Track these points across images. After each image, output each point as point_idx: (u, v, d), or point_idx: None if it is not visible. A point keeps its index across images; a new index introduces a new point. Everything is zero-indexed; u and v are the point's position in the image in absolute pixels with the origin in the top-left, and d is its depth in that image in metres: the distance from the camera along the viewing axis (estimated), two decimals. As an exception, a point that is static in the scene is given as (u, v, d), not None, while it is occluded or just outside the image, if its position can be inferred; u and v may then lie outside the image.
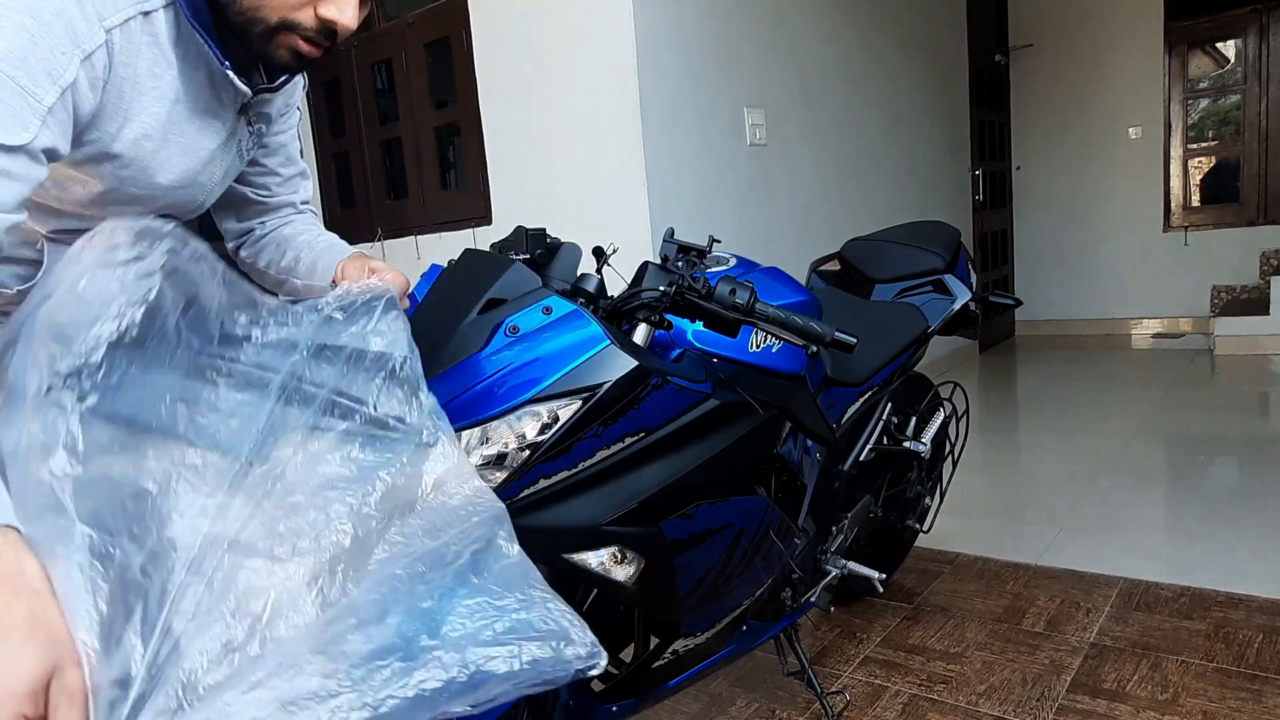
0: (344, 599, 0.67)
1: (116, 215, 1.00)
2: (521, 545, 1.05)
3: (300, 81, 1.21)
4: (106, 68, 0.87)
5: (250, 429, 0.72)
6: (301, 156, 1.30)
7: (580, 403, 1.01)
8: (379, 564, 0.69)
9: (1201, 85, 5.91)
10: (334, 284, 1.21)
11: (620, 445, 1.06)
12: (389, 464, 0.75)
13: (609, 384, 1.02)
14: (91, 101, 0.87)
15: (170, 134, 0.98)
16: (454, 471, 0.78)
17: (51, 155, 0.85)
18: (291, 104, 1.21)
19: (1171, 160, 5.94)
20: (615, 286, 1.21)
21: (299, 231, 1.28)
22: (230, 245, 1.30)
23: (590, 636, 0.69)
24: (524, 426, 1.00)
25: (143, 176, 0.98)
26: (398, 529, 0.72)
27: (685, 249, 1.21)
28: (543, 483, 1.02)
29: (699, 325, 1.18)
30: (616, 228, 3.14)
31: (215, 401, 0.73)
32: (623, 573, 1.10)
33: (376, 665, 0.62)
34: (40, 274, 1.02)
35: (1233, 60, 5.79)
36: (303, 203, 1.30)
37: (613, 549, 1.08)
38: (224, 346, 0.77)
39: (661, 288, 1.12)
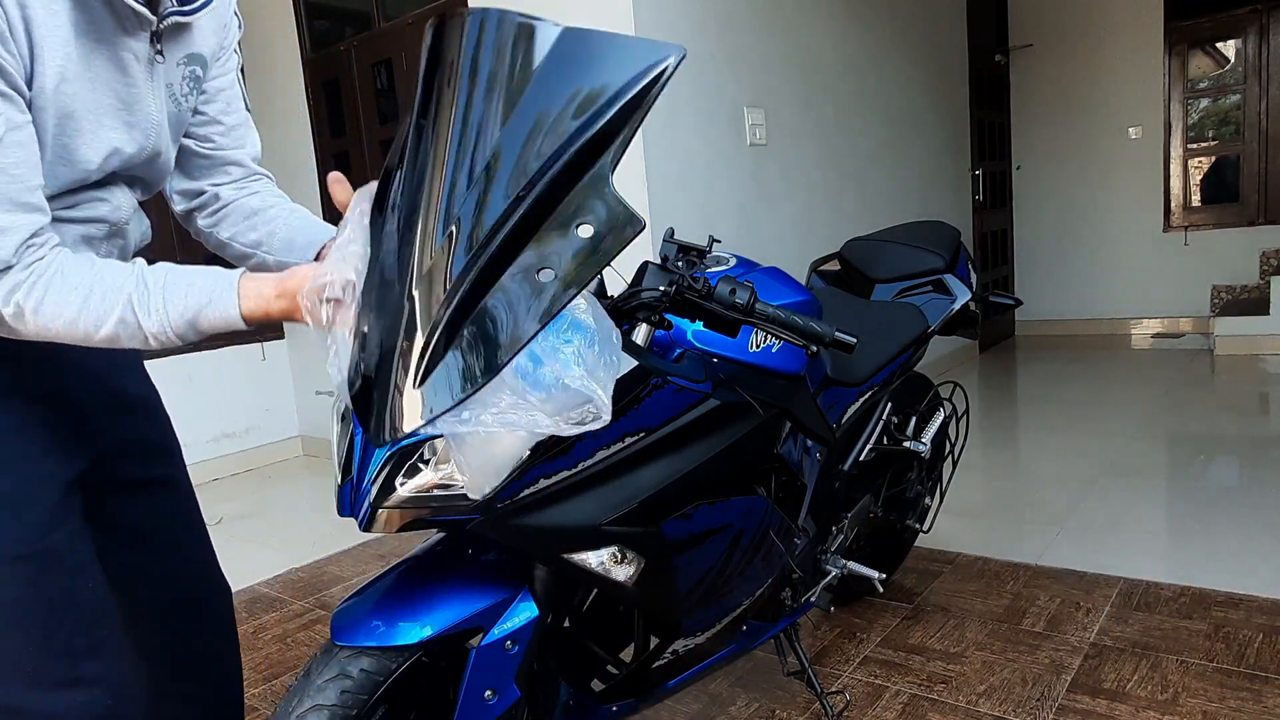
0: None
1: (72, 178, 0.96)
2: (522, 545, 1.06)
3: (233, 22, 1.15)
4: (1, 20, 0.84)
5: None
6: (248, 110, 1.23)
7: (580, 403, 1.01)
8: None
9: (1201, 85, 5.91)
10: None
11: (620, 445, 1.06)
12: None
13: (609, 384, 1.02)
14: (8, 60, 0.85)
15: (84, 73, 0.93)
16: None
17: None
18: (227, 46, 1.16)
19: (1171, 160, 5.94)
20: (615, 286, 1.21)
21: (267, 205, 1.21)
22: (180, 209, 1.22)
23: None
24: (524, 426, 1.00)
25: (73, 126, 0.94)
26: None
27: (685, 249, 1.21)
28: (543, 483, 1.02)
29: (699, 325, 1.19)
30: (616, 228, 3.13)
31: None
32: (623, 573, 1.10)
33: None
34: None
35: (1233, 60, 5.79)
36: (254, 159, 1.23)
37: (613, 549, 1.08)
38: None
39: (661, 288, 1.12)
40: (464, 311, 0.81)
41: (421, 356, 0.81)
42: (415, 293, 0.83)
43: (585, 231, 0.81)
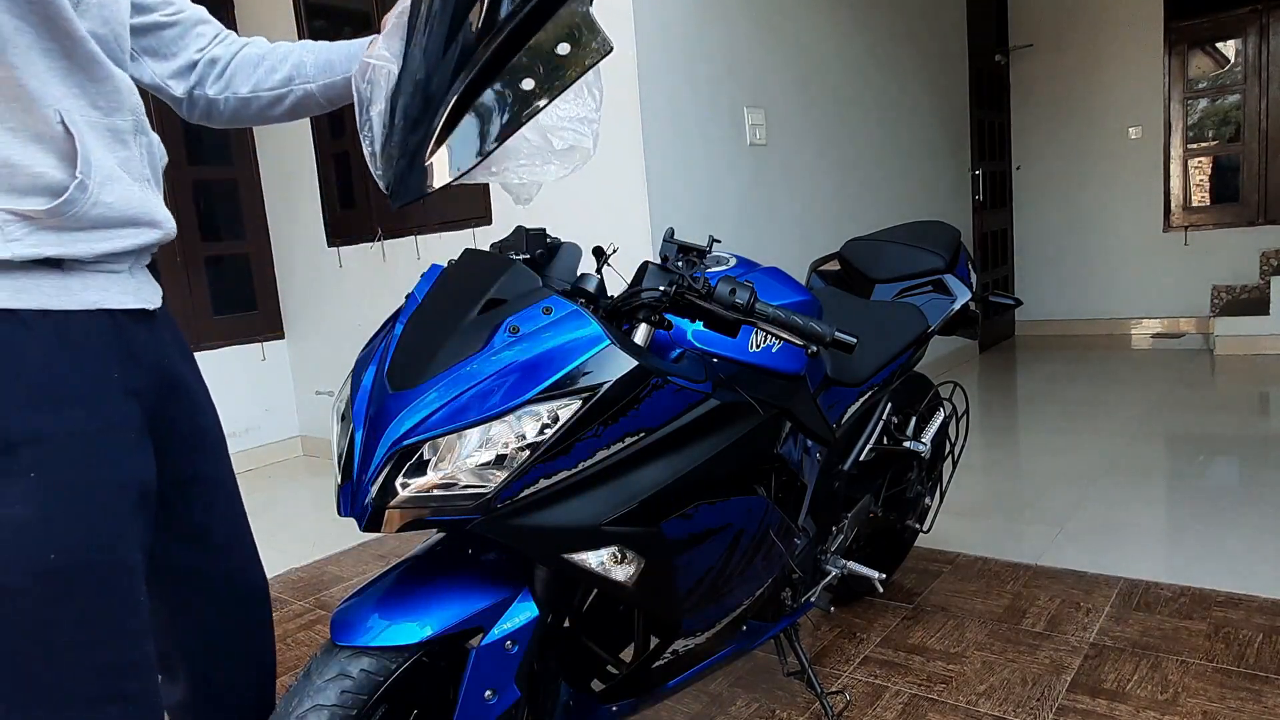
0: None
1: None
2: (522, 545, 1.06)
3: None
4: None
5: None
6: None
7: (580, 403, 1.01)
8: None
9: (1201, 85, 5.91)
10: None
11: (620, 445, 1.06)
12: None
13: (609, 384, 1.02)
14: None
15: None
16: None
17: None
18: None
19: (1171, 160, 5.94)
20: (615, 286, 1.21)
21: (271, 47, 1.17)
22: (181, 92, 1.15)
23: None
24: (524, 426, 1.00)
25: None
26: None
27: (685, 249, 1.21)
28: (543, 483, 1.02)
29: (699, 325, 1.19)
30: (616, 228, 3.14)
31: None
32: (623, 573, 1.10)
33: None
34: (79, 173, 0.88)
35: (1233, 60, 5.79)
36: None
37: (613, 549, 1.08)
38: None
39: (661, 288, 1.12)
40: (462, 108, 0.98)
41: (430, 139, 0.99)
42: (431, 90, 1.00)
43: (564, 49, 0.97)
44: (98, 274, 0.94)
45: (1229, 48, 5.80)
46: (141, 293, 1.01)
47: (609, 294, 1.18)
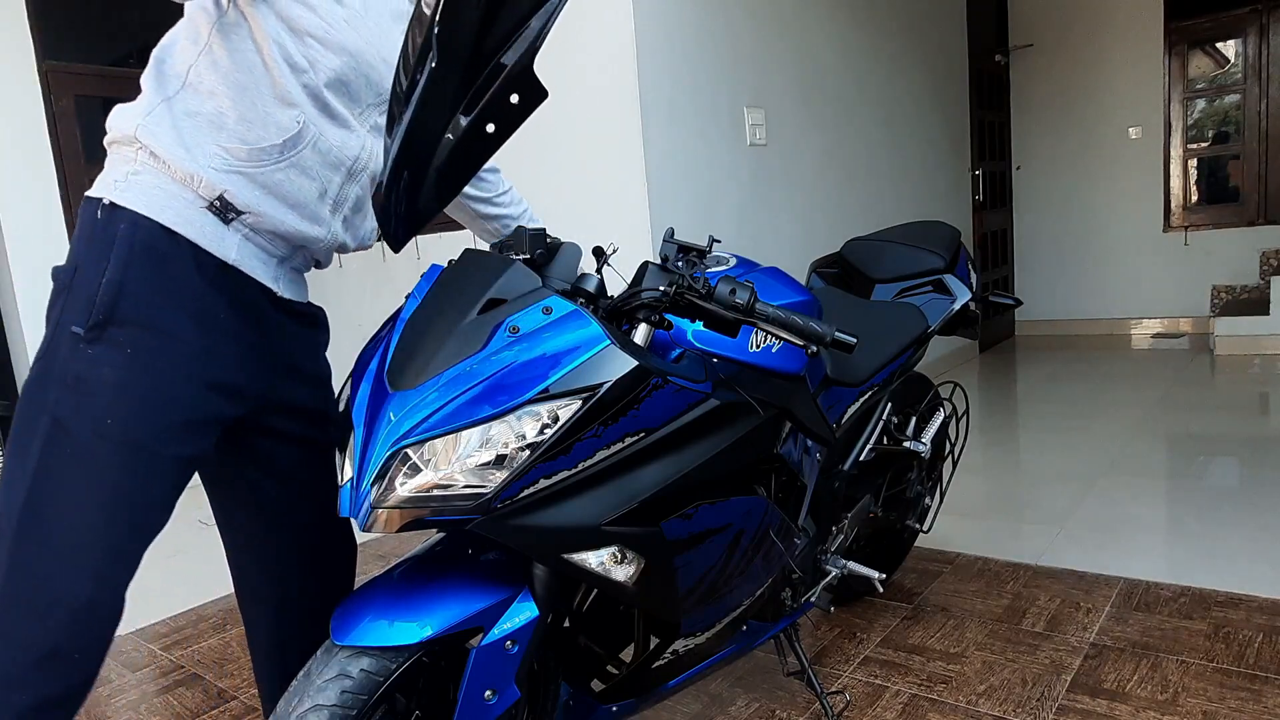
0: None
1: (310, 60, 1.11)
2: (521, 545, 1.06)
3: None
4: None
5: None
6: None
7: (580, 403, 1.01)
8: None
9: (1201, 85, 5.91)
10: None
11: (620, 445, 1.06)
12: None
13: (609, 384, 1.02)
14: None
15: None
16: None
17: None
18: None
19: (1171, 160, 5.94)
20: (615, 286, 1.21)
21: (521, 199, 1.56)
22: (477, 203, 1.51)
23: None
24: (524, 426, 1.00)
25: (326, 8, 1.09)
26: None
27: (685, 249, 1.21)
28: (543, 483, 1.02)
29: (699, 325, 1.19)
30: (616, 228, 3.14)
31: None
32: (623, 573, 1.10)
33: None
34: (295, 138, 1.10)
35: (1233, 60, 5.79)
36: None
37: (613, 549, 1.08)
38: None
39: (661, 288, 1.12)
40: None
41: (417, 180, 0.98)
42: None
43: (514, 98, 0.91)
44: (250, 245, 1.14)
45: (1229, 48, 5.80)
46: (278, 281, 1.19)
47: (609, 294, 1.18)
